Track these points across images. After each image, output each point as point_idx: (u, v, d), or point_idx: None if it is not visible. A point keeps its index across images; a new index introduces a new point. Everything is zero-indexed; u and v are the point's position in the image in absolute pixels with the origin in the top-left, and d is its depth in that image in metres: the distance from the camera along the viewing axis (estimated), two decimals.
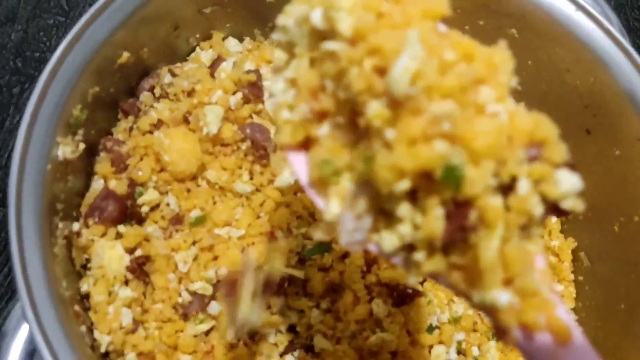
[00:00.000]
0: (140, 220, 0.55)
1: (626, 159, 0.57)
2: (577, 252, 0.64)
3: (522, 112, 0.31)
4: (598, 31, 0.57)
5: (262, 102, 0.59)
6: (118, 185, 0.54)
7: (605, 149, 0.59)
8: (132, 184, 0.54)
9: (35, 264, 0.42)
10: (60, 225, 0.49)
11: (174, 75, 0.60)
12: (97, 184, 0.55)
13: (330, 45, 0.30)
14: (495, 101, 0.30)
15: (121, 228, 0.53)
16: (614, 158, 0.58)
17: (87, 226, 0.51)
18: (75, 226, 0.52)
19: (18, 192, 0.44)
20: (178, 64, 0.64)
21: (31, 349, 0.43)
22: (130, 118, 0.59)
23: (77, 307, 0.47)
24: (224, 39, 0.67)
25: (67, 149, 0.50)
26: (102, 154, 0.55)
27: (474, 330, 0.59)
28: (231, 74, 0.59)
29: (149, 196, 0.54)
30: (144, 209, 0.54)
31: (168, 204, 0.55)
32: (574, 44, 0.59)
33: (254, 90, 0.58)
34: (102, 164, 0.55)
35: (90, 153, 0.56)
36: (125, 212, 0.54)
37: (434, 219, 0.28)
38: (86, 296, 0.50)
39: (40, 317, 0.40)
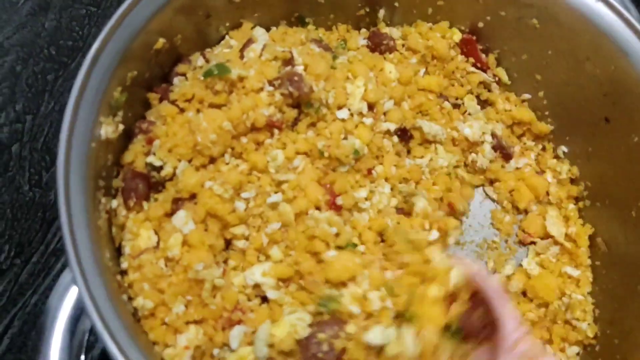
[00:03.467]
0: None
1: None
2: (594, 237, 0.66)
3: None
4: (618, 21, 0.59)
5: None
6: (139, 163, 0.56)
7: (623, 137, 0.61)
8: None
9: (83, 234, 0.45)
10: (103, 200, 0.52)
11: (205, 59, 0.62)
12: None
13: None
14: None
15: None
16: (633, 145, 0.60)
17: (127, 208, 0.54)
18: (114, 203, 0.54)
19: (66, 168, 0.46)
20: (208, 49, 0.66)
21: (77, 314, 0.46)
22: (165, 102, 0.61)
23: (118, 277, 0.49)
24: (252, 28, 0.69)
25: (109, 129, 0.52)
26: (139, 136, 0.58)
27: None
28: (267, 51, 0.60)
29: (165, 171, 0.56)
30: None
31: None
32: (594, 34, 0.60)
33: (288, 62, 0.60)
34: (137, 144, 0.58)
35: (126, 135, 0.59)
36: (150, 186, 0.57)
37: None
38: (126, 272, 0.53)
39: (88, 282, 0.42)
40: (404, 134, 0.68)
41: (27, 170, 0.74)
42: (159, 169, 0.56)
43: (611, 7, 0.60)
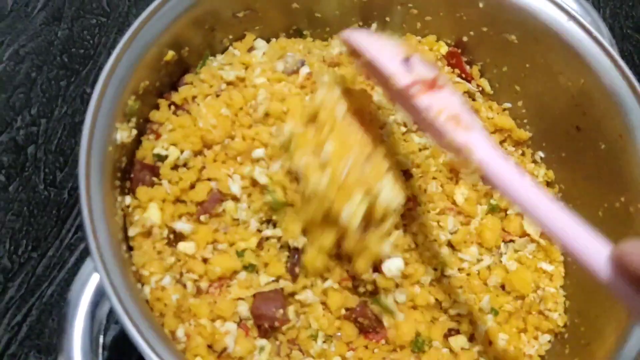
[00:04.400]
0: None
1: (609, 152, 0.64)
2: None
3: None
4: (587, 39, 0.65)
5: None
6: (149, 157, 0.61)
7: (592, 144, 0.66)
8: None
9: (102, 229, 0.50)
10: (119, 199, 0.57)
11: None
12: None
13: None
14: None
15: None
16: (600, 151, 0.65)
17: (135, 196, 0.59)
18: (127, 200, 0.60)
19: (87, 171, 0.52)
20: (212, 57, 0.72)
21: (96, 300, 0.51)
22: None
23: (133, 268, 0.55)
24: (253, 40, 0.75)
25: (124, 134, 0.58)
26: (150, 136, 0.63)
27: None
28: (267, 55, 0.68)
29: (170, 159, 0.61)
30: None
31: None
32: (566, 50, 0.66)
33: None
34: (148, 143, 0.63)
35: (138, 137, 0.64)
36: (157, 176, 0.61)
37: None
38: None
39: (108, 269, 0.48)
40: None
41: (42, 171, 0.79)
42: (164, 158, 0.61)
43: (581, 26, 0.65)
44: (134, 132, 0.61)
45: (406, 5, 0.76)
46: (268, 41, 0.76)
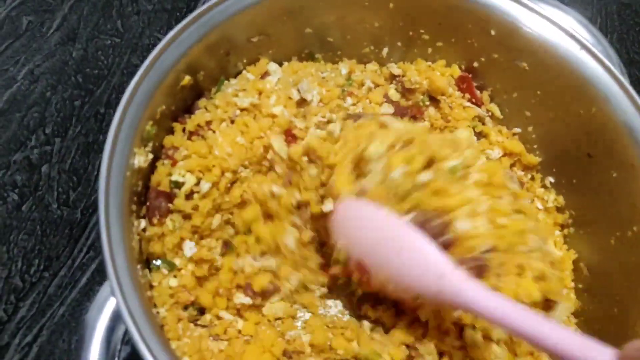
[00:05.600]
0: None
1: (622, 180, 0.64)
2: (577, 262, 0.71)
3: None
4: (599, 68, 0.66)
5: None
6: (164, 183, 0.62)
7: (604, 171, 0.67)
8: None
9: (119, 253, 0.51)
10: (135, 223, 0.57)
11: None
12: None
13: None
14: None
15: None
16: (612, 179, 0.66)
17: (152, 224, 0.60)
18: (142, 224, 0.60)
19: (106, 196, 0.52)
20: (226, 82, 0.73)
21: (112, 325, 0.51)
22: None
23: (148, 292, 0.55)
24: (267, 64, 0.76)
25: (142, 159, 0.58)
26: (165, 161, 0.64)
27: None
28: (281, 83, 0.68)
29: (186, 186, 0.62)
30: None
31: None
32: (578, 79, 0.67)
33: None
34: (163, 168, 0.64)
35: (153, 162, 0.65)
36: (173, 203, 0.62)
37: None
38: None
39: (125, 294, 0.48)
40: None
41: (55, 190, 0.80)
42: (181, 185, 0.62)
43: (594, 55, 0.66)
44: (151, 156, 0.61)
45: (418, 30, 0.77)
46: (280, 64, 0.77)
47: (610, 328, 0.64)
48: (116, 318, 0.52)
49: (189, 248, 0.61)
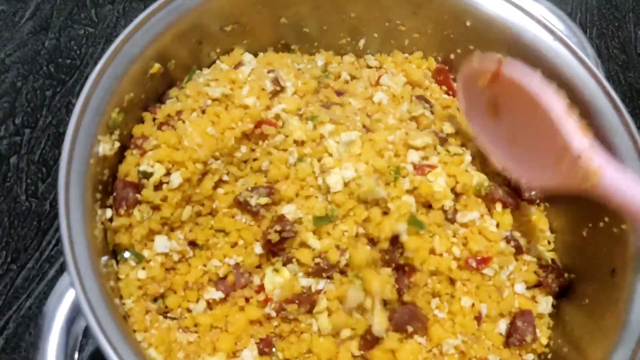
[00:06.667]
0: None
1: None
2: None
3: None
4: (573, 59, 0.66)
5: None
6: (132, 173, 0.60)
7: None
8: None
9: (80, 243, 0.49)
10: (99, 212, 0.56)
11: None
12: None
13: None
14: None
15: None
16: None
17: (119, 215, 0.59)
18: (108, 213, 0.59)
19: (66, 183, 0.51)
20: (198, 71, 0.72)
21: (72, 316, 0.50)
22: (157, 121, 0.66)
23: (112, 283, 0.54)
24: (241, 54, 0.75)
25: (106, 147, 0.57)
26: (134, 151, 0.62)
27: None
28: (254, 73, 0.66)
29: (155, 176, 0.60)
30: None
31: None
32: (552, 69, 0.66)
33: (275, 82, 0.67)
34: (132, 158, 0.62)
35: (122, 150, 0.63)
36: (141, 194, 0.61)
37: None
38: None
39: (84, 286, 0.47)
40: None
41: (24, 181, 0.78)
42: (150, 175, 0.60)
43: (567, 46, 0.66)
44: (117, 145, 0.60)
45: (394, 22, 0.76)
46: (256, 55, 0.76)
47: (580, 312, 0.64)
48: (77, 309, 0.50)
49: (164, 246, 0.60)
